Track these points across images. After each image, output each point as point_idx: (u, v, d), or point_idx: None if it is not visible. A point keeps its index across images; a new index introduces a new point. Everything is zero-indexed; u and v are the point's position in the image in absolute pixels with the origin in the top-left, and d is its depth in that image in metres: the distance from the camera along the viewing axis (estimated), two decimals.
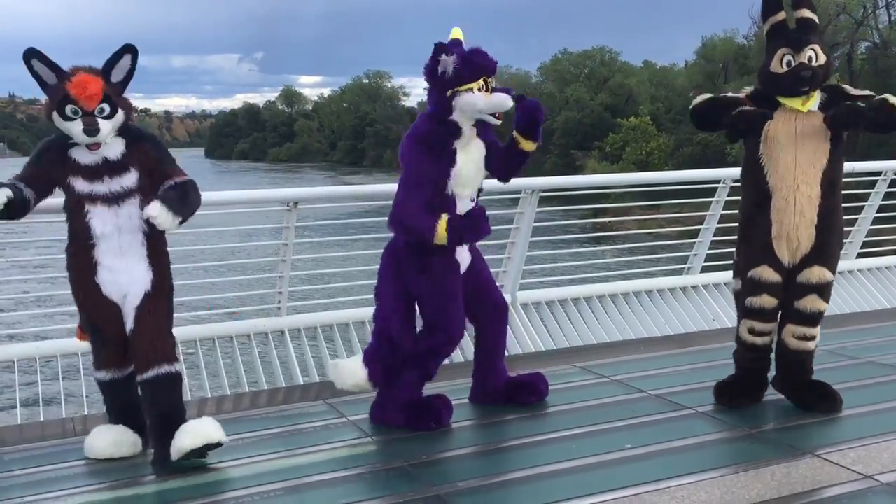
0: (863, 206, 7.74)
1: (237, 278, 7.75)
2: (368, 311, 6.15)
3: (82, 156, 3.53)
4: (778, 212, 3.89)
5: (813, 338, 4.01)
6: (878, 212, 7.70)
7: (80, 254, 3.54)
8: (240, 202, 6.00)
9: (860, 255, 7.88)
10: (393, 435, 3.89)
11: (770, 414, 4.06)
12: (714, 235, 7.07)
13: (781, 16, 3.87)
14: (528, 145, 3.91)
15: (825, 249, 3.92)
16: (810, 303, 3.94)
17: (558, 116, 61.97)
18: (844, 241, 7.75)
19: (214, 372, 5.83)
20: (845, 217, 7.90)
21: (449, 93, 3.75)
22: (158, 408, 3.52)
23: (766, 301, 3.93)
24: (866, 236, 7.83)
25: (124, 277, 3.54)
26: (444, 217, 3.77)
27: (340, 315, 6.12)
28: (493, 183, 4.18)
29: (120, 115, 3.55)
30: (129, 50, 3.59)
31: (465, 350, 6.08)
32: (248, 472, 3.50)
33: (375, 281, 4.07)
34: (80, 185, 3.50)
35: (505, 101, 3.78)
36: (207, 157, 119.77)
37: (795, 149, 3.82)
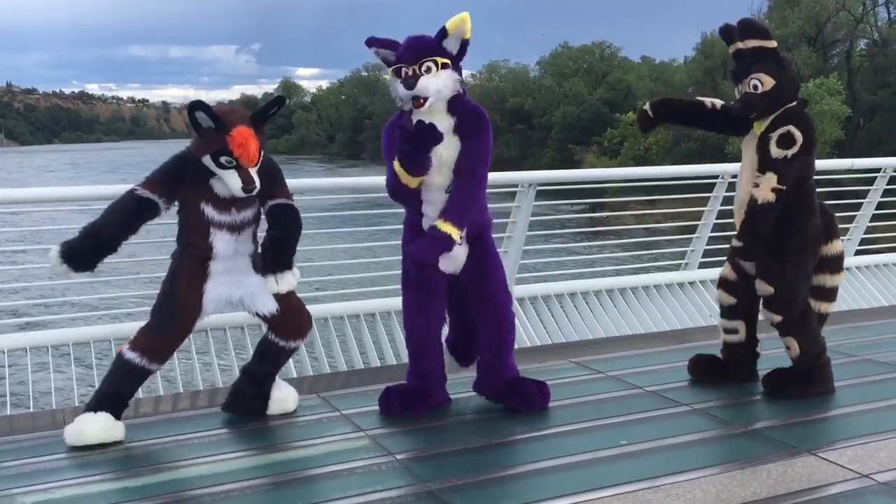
0: (861, 203, 7.73)
1: None
2: (364, 304, 6.18)
3: (221, 188, 3.70)
4: (737, 218, 4.20)
5: (788, 347, 4.21)
6: (876, 209, 7.70)
7: (195, 260, 3.77)
8: None
9: (858, 252, 7.88)
10: (386, 430, 3.86)
11: (767, 412, 4.04)
12: (711, 231, 7.06)
13: (731, 49, 4.08)
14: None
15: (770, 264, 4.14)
16: (764, 315, 4.24)
17: (557, 111, 61.90)
18: (843, 237, 7.80)
19: (206, 363, 5.80)
20: (844, 213, 8.03)
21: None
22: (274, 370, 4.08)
23: (724, 298, 4.34)
24: (864, 233, 7.82)
25: (232, 288, 3.84)
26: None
27: (335, 308, 6.09)
28: (490, 176, 4.13)
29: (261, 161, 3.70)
30: (281, 102, 3.81)
31: None
32: (239, 465, 3.47)
33: (370, 273, 4.05)
34: (210, 211, 3.72)
35: (403, 94, 3.76)
36: None
37: (751, 166, 4.09)
